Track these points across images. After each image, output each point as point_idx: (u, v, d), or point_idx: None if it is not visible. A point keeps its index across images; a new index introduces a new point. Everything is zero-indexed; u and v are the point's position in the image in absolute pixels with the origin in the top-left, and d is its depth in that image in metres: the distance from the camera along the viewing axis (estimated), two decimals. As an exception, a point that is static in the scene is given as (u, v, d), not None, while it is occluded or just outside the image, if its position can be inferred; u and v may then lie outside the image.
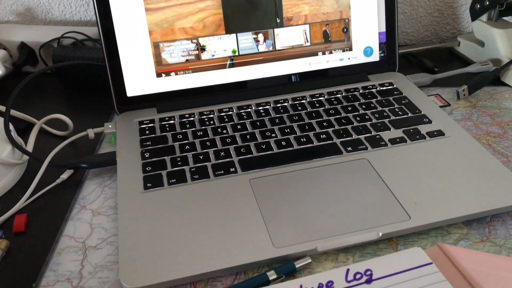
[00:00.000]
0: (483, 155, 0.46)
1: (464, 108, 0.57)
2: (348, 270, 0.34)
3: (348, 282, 0.33)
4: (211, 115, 0.54)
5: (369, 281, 0.33)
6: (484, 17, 0.66)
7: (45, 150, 0.51)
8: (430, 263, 0.35)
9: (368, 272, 0.34)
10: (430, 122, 0.51)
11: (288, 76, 0.58)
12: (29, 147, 0.51)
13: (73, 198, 0.46)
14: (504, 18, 0.66)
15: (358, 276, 0.34)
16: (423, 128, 0.50)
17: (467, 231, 0.40)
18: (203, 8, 0.54)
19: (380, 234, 0.38)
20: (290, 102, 0.56)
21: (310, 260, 0.37)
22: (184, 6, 0.54)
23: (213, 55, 0.56)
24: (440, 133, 0.49)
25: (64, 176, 0.48)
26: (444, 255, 0.37)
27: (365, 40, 0.59)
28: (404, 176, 0.44)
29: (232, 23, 0.55)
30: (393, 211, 0.40)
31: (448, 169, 0.44)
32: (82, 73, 0.62)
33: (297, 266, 0.36)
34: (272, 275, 0.36)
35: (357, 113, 0.53)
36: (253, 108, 0.55)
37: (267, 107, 0.55)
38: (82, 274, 0.38)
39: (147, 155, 0.48)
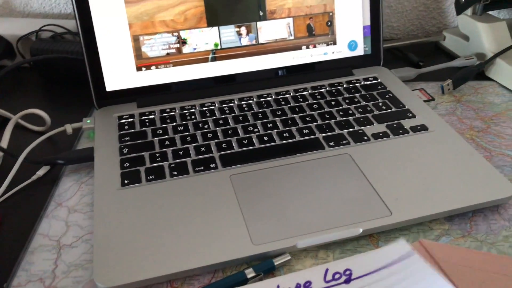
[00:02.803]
0: (466, 150, 0.45)
1: (449, 102, 0.57)
2: (327, 270, 0.34)
3: (327, 282, 0.33)
4: (193, 110, 0.53)
5: (348, 280, 0.33)
6: (469, 11, 0.65)
7: (21, 146, 0.50)
8: (412, 254, 0.34)
9: (347, 272, 0.33)
10: (413, 116, 0.51)
11: (272, 70, 0.57)
12: (4, 143, 0.50)
13: (49, 195, 0.44)
14: (489, 12, 0.66)
15: (337, 276, 0.33)
16: (407, 123, 0.50)
17: (449, 226, 0.40)
18: (184, 0, 0.53)
19: (361, 230, 0.38)
20: (273, 97, 0.55)
21: (289, 257, 0.36)
22: (164, -2, 0.52)
23: (194, 49, 0.55)
24: (423, 128, 0.49)
25: (40, 172, 0.47)
26: (425, 251, 0.36)
27: (350, 34, 0.58)
28: (386, 171, 0.43)
29: (214, 15, 0.54)
30: (374, 206, 0.39)
31: (431, 164, 0.44)
32: (61, 67, 0.60)
33: (276, 264, 0.36)
34: (250, 273, 0.35)
35: (340, 107, 0.53)
36: (236, 102, 0.54)
37: (250, 101, 0.54)
38: (56, 273, 0.36)
39: (125, 150, 0.47)
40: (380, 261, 0.34)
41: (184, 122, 0.51)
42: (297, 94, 0.55)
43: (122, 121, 0.51)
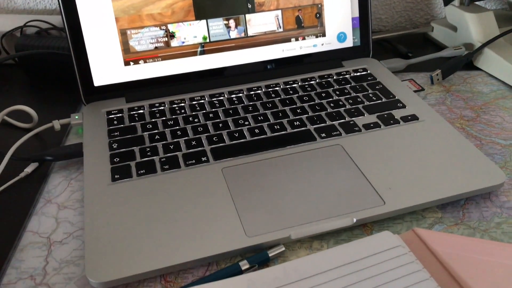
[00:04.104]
0: (456, 139, 0.46)
1: (438, 92, 0.57)
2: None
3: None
4: (182, 104, 0.52)
5: None
6: (456, 2, 0.65)
7: (8, 143, 0.49)
8: (399, 246, 0.34)
9: None
10: (404, 107, 0.51)
11: (261, 63, 0.57)
12: (-10, 140, 0.49)
13: (38, 192, 0.44)
14: (476, 2, 0.66)
15: None
16: (397, 113, 0.50)
17: (442, 214, 0.40)
18: (172, -7, 0.52)
19: (355, 220, 0.38)
20: (263, 90, 0.55)
21: (283, 249, 0.36)
22: (151, -9, 0.52)
23: (183, 42, 0.54)
24: (414, 118, 0.49)
25: (29, 169, 0.46)
26: (418, 239, 0.36)
27: (339, 25, 0.58)
28: (378, 161, 0.43)
29: (202, 8, 0.54)
30: (367, 196, 0.39)
31: (422, 153, 0.44)
32: (47, 62, 0.59)
33: (270, 255, 0.36)
34: (244, 265, 0.35)
35: (331, 99, 0.53)
36: (226, 96, 0.54)
37: (240, 94, 0.54)
38: (46, 270, 0.36)
39: (115, 146, 0.46)
40: (368, 249, 0.34)
41: (174, 116, 0.50)
42: (287, 86, 0.55)
43: (111, 116, 0.51)
